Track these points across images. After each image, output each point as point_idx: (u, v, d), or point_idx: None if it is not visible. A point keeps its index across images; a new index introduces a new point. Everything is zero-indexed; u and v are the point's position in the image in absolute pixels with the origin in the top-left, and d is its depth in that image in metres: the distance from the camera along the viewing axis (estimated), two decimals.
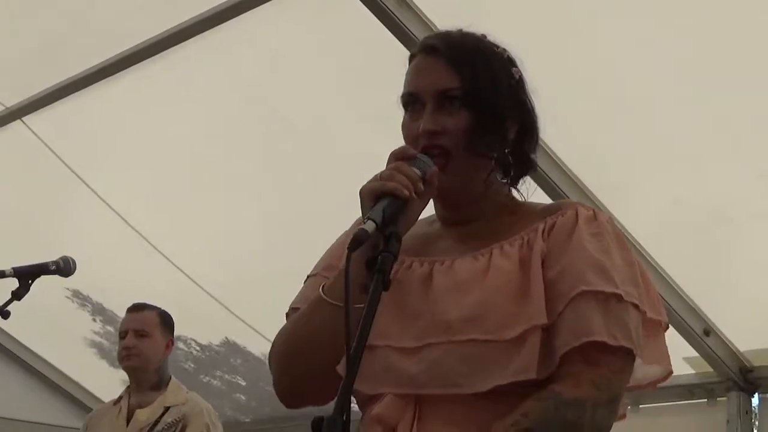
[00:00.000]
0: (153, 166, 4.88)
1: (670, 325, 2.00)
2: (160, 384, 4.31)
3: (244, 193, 4.86)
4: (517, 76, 1.94)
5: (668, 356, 1.92)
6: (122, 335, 4.29)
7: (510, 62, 1.95)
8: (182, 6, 3.97)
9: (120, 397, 4.40)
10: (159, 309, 4.40)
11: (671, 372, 1.91)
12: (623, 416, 1.91)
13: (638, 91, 3.79)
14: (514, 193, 2.03)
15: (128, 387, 4.40)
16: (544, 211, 1.93)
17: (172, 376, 4.42)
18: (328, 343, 1.83)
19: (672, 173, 3.82)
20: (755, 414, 4.41)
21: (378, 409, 1.88)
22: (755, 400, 4.42)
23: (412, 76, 1.96)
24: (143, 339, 4.26)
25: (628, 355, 1.76)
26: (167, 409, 4.17)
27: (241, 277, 5.18)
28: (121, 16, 4.12)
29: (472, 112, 1.89)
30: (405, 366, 1.84)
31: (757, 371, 4.39)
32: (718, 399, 4.47)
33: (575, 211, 1.88)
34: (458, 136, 1.89)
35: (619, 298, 1.76)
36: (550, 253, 1.82)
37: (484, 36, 1.98)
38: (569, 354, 1.73)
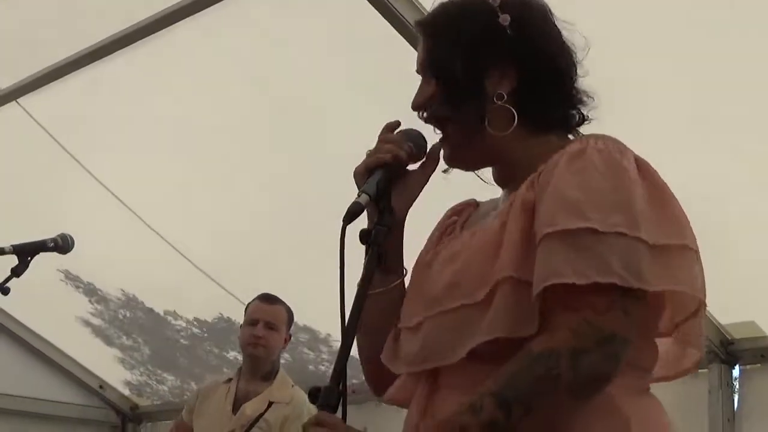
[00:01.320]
0: (147, 147, 4.88)
1: None
2: (270, 374, 4.41)
3: (237, 173, 4.86)
4: (507, 24, 1.86)
5: (696, 281, 1.73)
6: (252, 323, 4.37)
7: (496, 10, 1.88)
8: None
9: (230, 379, 4.48)
10: (286, 305, 4.47)
11: (702, 301, 1.74)
12: (691, 368, 1.82)
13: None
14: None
15: (240, 370, 4.50)
16: (550, 152, 1.85)
17: (281, 369, 4.51)
18: (374, 331, 1.89)
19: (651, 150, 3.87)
20: (735, 385, 4.44)
21: (391, 390, 1.92)
22: (736, 372, 4.45)
23: None
24: (272, 332, 4.35)
25: (617, 291, 1.62)
26: (271, 404, 4.22)
27: (234, 256, 5.18)
28: (101, 5, 4.12)
29: (437, 78, 1.90)
30: (409, 345, 1.85)
31: (737, 344, 4.43)
32: (699, 371, 4.33)
33: (564, 152, 1.79)
34: (431, 104, 1.89)
35: (592, 231, 1.65)
36: (537, 202, 1.76)
37: None
38: (548, 304, 1.66)
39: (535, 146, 1.86)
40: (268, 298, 4.43)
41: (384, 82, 2.07)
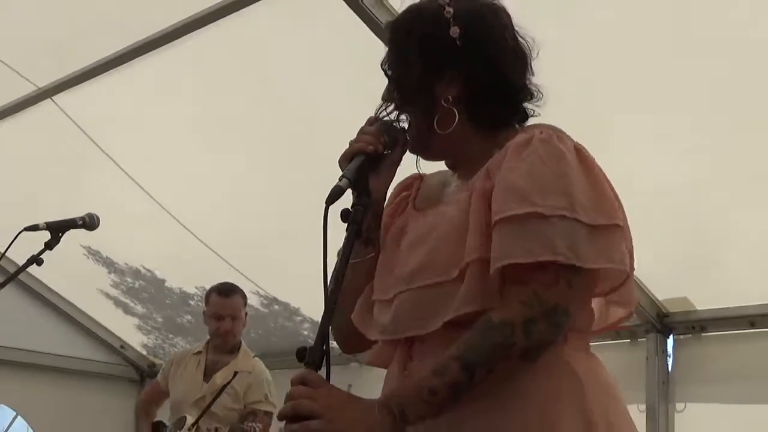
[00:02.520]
0: (164, 140, 4.81)
1: None
2: (234, 348, 4.47)
3: (245, 164, 4.79)
4: (458, 34, 1.82)
5: (624, 257, 1.71)
6: (218, 317, 4.41)
7: (450, 21, 1.84)
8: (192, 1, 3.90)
9: (199, 351, 4.53)
10: (240, 290, 4.53)
11: (627, 274, 1.74)
12: (620, 321, 1.85)
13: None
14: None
15: (208, 342, 4.55)
16: (501, 144, 1.85)
17: (242, 342, 4.56)
18: (348, 298, 1.87)
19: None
20: (669, 353, 4.52)
21: (371, 353, 1.93)
22: (670, 341, 4.54)
23: None
24: (235, 321, 4.41)
25: (560, 268, 1.63)
26: (236, 373, 4.25)
27: (236, 236, 5.17)
28: (136, 7, 4.02)
29: (392, 81, 1.90)
30: (382, 316, 1.84)
31: (671, 316, 4.50)
32: (639, 339, 4.58)
33: (513, 142, 1.78)
34: (394, 104, 1.90)
35: (538, 215, 1.64)
36: (494, 189, 1.74)
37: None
38: (504, 279, 1.66)
39: (480, 141, 1.86)
40: (226, 293, 4.47)
41: (367, 83, 2.07)
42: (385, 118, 1.92)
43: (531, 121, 1.96)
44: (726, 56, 3.33)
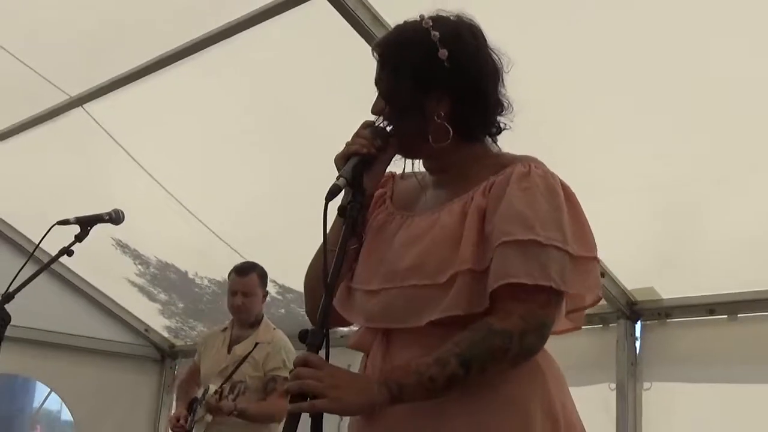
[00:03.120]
0: (185, 144, 4.84)
1: None
2: (255, 323, 4.44)
3: (250, 166, 4.85)
4: (446, 56, 1.83)
5: (598, 285, 1.84)
6: (233, 293, 4.41)
7: (437, 43, 1.84)
8: (209, 17, 3.90)
9: (226, 328, 4.53)
10: (258, 269, 4.48)
11: (600, 298, 1.85)
12: (574, 329, 1.94)
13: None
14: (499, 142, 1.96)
15: (232, 320, 4.52)
16: (496, 166, 1.86)
17: (264, 316, 4.53)
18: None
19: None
20: (637, 337, 4.50)
21: (354, 338, 1.93)
22: (638, 326, 4.52)
23: None
24: (249, 298, 4.37)
25: (551, 291, 1.70)
26: (257, 344, 4.26)
27: (247, 229, 5.19)
28: (158, 23, 4.07)
29: (384, 99, 1.90)
30: (369, 305, 1.86)
31: (639, 304, 4.49)
32: (610, 325, 4.56)
33: (513, 169, 1.80)
34: (382, 115, 1.90)
35: (538, 243, 1.70)
36: (488, 209, 1.77)
37: (428, 20, 1.88)
38: (498, 293, 1.69)
39: (463, 151, 1.88)
40: (242, 271, 4.46)
41: (361, 93, 2.12)
42: (378, 126, 1.91)
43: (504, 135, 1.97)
44: (695, 62, 3.27)
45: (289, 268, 5.30)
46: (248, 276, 4.41)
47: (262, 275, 4.47)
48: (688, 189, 3.79)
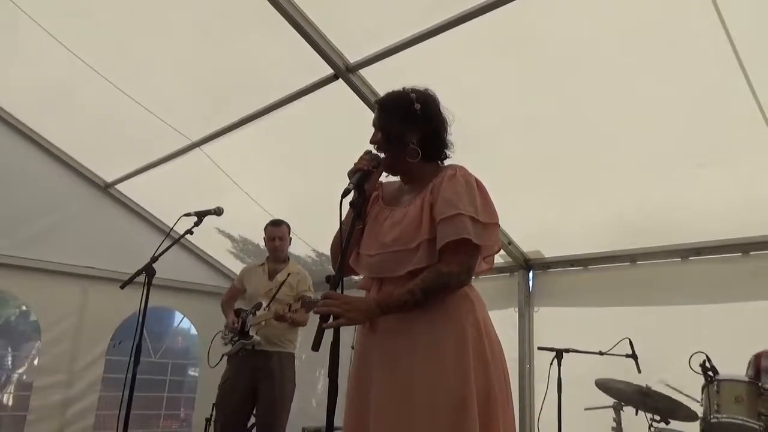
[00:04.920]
0: (275, 175, 4.79)
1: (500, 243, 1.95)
2: (285, 260, 4.27)
3: (297, 183, 4.74)
4: (418, 109, 1.85)
5: (499, 240, 1.83)
6: (272, 239, 4.20)
7: (413, 101, 1.86)
8: (278, 86, 3.84)
9: (263, 263, 4.30)
10: (286, 223, 4.26)
11: (500, 248, 1.83)
12: (489, 269, 1.88)
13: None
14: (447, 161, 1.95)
15: (267, 258, 4.28)
16: (436, 173, 1.85)
17: (289, 256, 4.33)
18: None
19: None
20: (530, 280, 4.71)
21: (360, 282, 1.95)
22: (530, 274, 4.74)
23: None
24: (282, 241, 4.21)
25: (471, 244, 1.71)
26: (289, 274, 4.13)
27: (300, 220, 4.81)
28: (247, 91, 3.94)
29: (382, 133, 1.90)
30: (370, 263, 1.87)
31: (531, 261, 4.72)
32: (513, 273, 4.77)
33: (444, 173, 1.81)
34: (379, 143, 1.90)
35: (460, 215, 1.71)
36: (434, 201, 1.78)
37: (409, 89, 1.89)
38: (443, 250, 1.73)
39: (425, 168, 1.91)
40: (276, 223, 4.25)
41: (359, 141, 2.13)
42: (375, 153, 1.91)
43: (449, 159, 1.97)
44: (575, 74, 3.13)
45: (321, 241, 5.29)
46: (281, 226, 4.24)
47: (289, 227, 4.28)
48: (563, 187, 3.87)
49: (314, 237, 5.38)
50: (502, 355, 1.76)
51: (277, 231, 4.22)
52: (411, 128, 1.85)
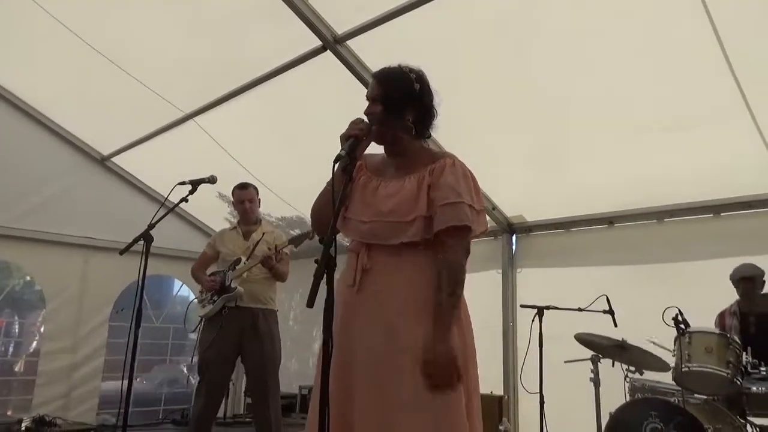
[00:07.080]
0: (266, 145, 4.68)
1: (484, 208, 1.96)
2: (257, 221, 4.02)
3: (286, 154, 4.66)
4: (417, 89, 1.87)
5: (486, 223, 1.88)
6: (240, 202, 3.95)
7: (414, 81, 1.87)
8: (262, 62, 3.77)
9: (234, 227, 4.04)
10: (252, 185, 4.01)
11: (487, 230, 1.89)
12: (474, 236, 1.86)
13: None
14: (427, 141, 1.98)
15: (238, 221, 4.03)
16: (432, 157, 1.86)
17: (262, 217, 4.08)
18: (329, 208, 1.80)
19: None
20: (513, 243, 4.82)
21: (350, 246, 1.91)
22: (514, 238, 4.85)
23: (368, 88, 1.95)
24: (251, 204, 3.97)
25: (468, 230, 1.76)
26: (264, 233, 3.94)
27: (293, 185, 4.89)
28: (236, 65, 3.89)
29: (383, 106, 1.87)
30: (361, 228, 1.85)
31: (515, 225, 4.81)
32: (498, 237, 4.87)
33: (445, 161, 1.82)
34: (377, 116, 1.87)
35: (462, 203, 1.76)
36: (432, 183, 1.80)
37: (406, 68, 1.89)
38: (443, 231, 1.74)
39: (415, 144, 1.92)
40: (243, 186, 3.98)
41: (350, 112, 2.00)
42: (366, 119, 1.87)
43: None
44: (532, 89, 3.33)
45: (305, 202, 4.45)
46: (248, 189, 3.97)
47: (256, 189, 4.02)
48: (546, 159, 3.98)
49: (297, 198, 5.22)
50: (468, 316, 1.81)
51: (246, 194, 3.98)
52: (410, 107, 1.87)
